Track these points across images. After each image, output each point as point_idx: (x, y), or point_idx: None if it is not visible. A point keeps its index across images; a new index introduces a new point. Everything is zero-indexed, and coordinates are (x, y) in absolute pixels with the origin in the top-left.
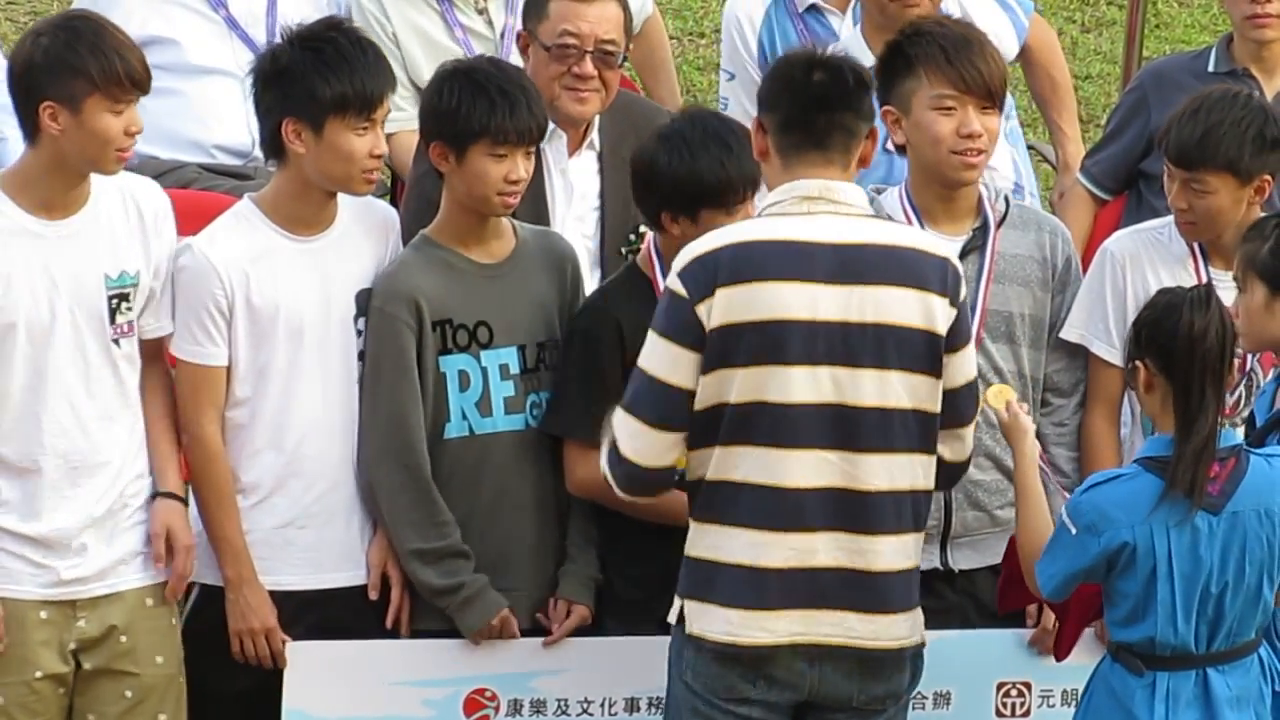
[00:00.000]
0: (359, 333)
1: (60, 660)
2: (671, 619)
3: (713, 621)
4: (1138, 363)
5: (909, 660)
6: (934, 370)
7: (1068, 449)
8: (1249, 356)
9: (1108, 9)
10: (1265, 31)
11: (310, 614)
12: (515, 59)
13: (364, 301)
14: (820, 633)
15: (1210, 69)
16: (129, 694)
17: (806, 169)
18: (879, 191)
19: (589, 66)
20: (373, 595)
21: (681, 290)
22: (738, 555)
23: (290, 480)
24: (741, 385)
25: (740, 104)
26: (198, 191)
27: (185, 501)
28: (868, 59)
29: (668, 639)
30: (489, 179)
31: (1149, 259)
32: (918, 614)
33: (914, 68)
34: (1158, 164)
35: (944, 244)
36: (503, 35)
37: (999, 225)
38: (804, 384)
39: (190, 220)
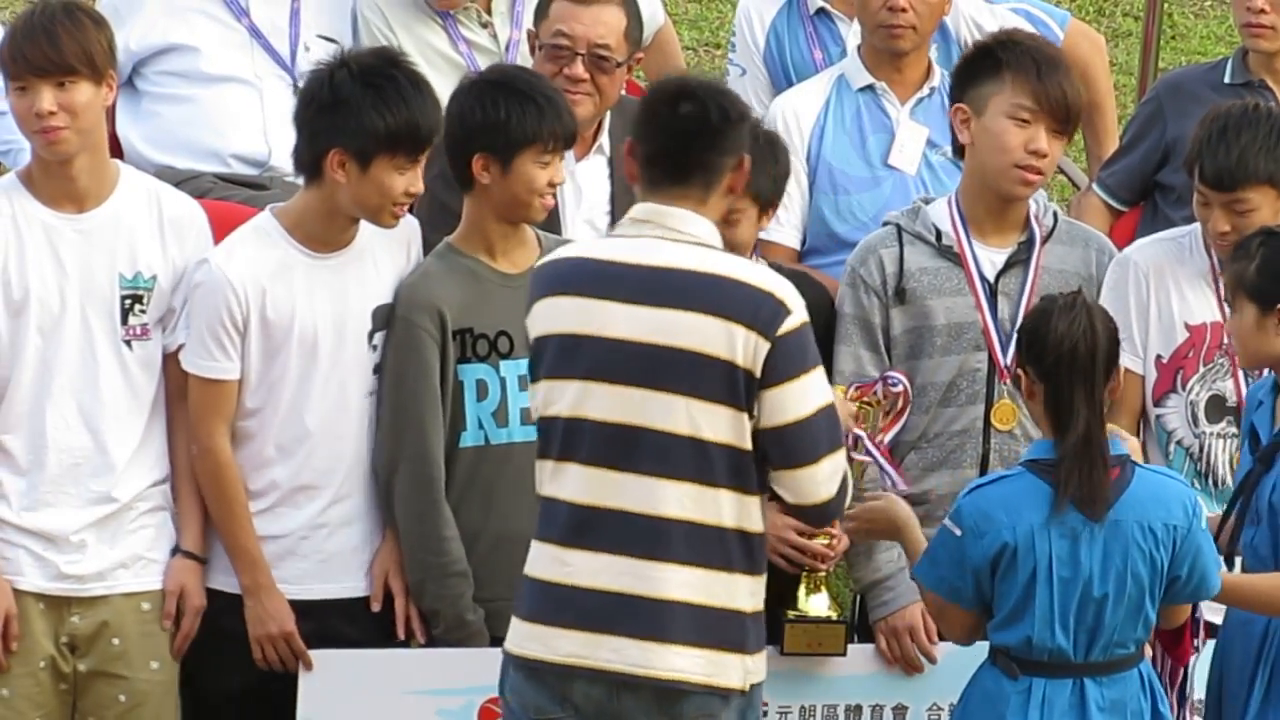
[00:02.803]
0: (375, 347)
1: (58, 652)
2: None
3: (514, 634)
4: (1020, 370)
5: (732, 709)
6: (734, 402)
7: None
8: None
9: (1123, 20)
10: (1259, 41)
11: (311, 623)
12: None
13: (381, 317)
14: (597, 656)
15: (1226, 80)
16: (123, 698)
17: (657, 198)
18: (926, 201)
19: (579, 69)
20: (375, 607)
21: (527, 306)
22: (531, 567)
23: (297, 492)
24: (543, 397)
25: (749, 101)
26: (213, 201)
27: (204, 562)
28: (864, 78)
29: None
30: (536, 184)
31: (1171, 270)
32: (722, 656)
33: (1001, 72)
34: (1173, 175)
35: (773, 279)
36: (507, 48)
37: (1045, 240)
38: (589, 399)
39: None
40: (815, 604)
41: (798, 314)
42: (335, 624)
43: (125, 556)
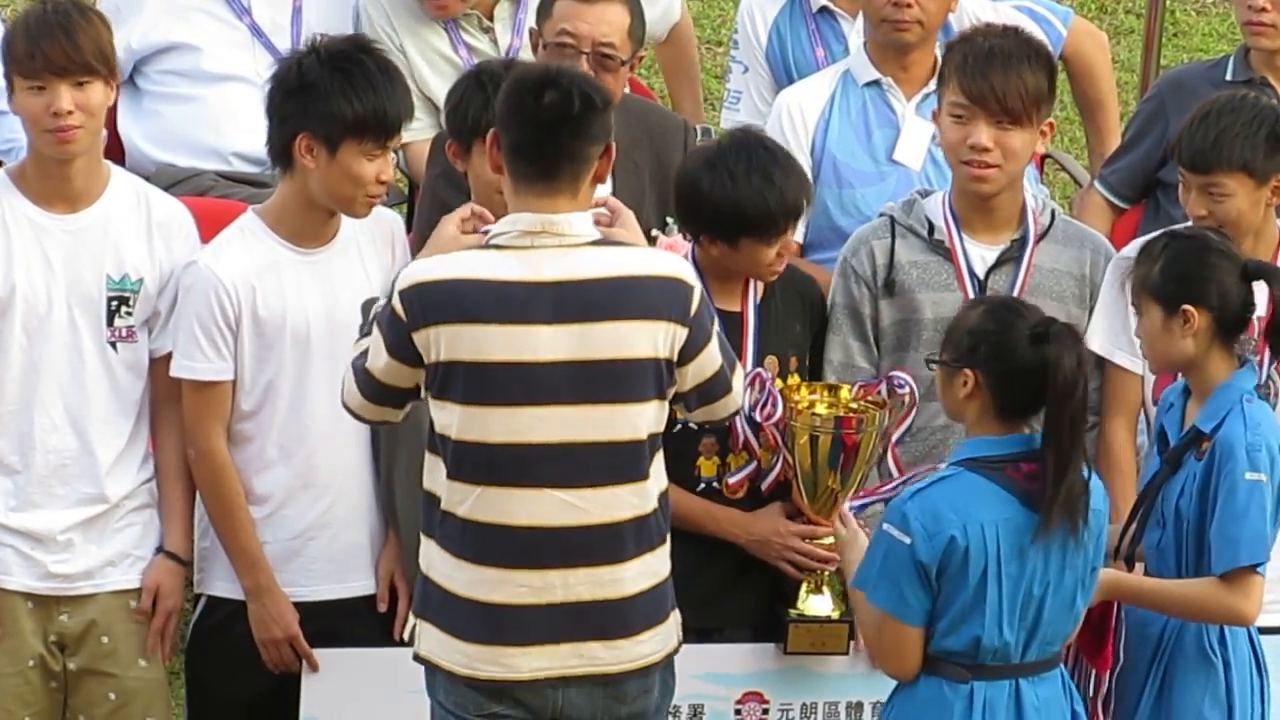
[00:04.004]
0: None
1: (47, 650)
2: (406, 634)
3: (449, 652)
4: (967, 371)
5: (657, 675)
6: (660, 394)
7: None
8: (1265, 366)
9: (1125, 17)
10: (1261, 39)
11: (320, 624)
12: None
13: (370, 310)
14: (566, 665)
15: (1228, 78)
16: (112, 696)
17: (534, 199)
18: (924, 194)
19: (584, 68)
20: (381, 607)
21: (401, 312)
22: (470, 590)
23: (300, 492)
24: (461, 422)
25: (752, 98)
26: (215, 199)
27: (186, 564)
28: (870, 73)
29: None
30: (487, 179)
31: None
32: (665, 625)
33: (944, 72)
34: (1175, 173)
35: (672, 261)
36: (507, 54)
37: (1039, 239)
38: (527, 424)
39: (208, 228)
40: (817, 604)
41: (696, 283)
42: (344, 623)
43: (113, 554)
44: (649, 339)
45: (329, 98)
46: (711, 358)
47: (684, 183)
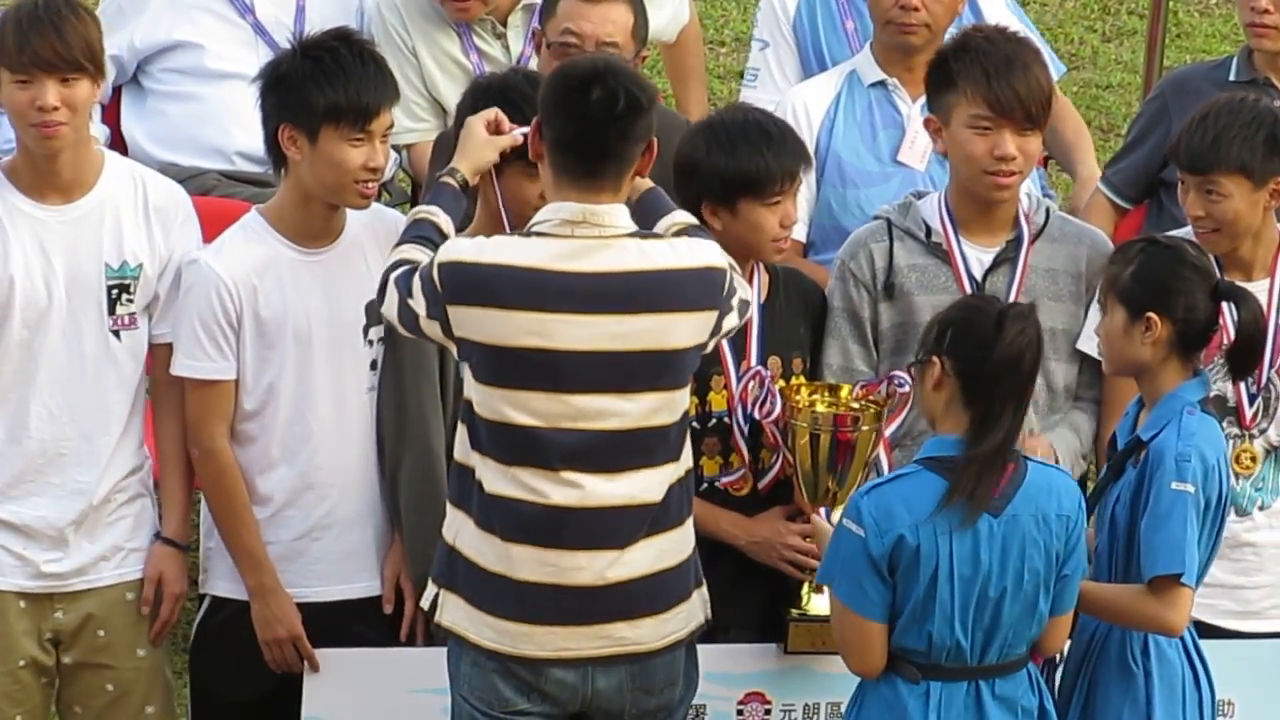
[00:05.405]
0: (371, 343)
1: (40, 649)
2: (425, 604)
3: (477, 625)
4: (935, 358)
5: (682, 667)
6: (689, 378)
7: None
8: (1266, 369)
9: (1129, 18)
10: (1264, 41)
11: (322, 624)
12: None
13: (375, 312)
14: (593, 646)
15: (1231, 78)
16: (110, 687)
17: (576, 193)
18: (919, 196)
19: None
20: (387, 608)
21: (437, 282)
22: (498, 565)
23: (304, 493)
24: (490, 402)
25: (772, 74)
26: (218, 199)
27: (185, 549)
28: (876, 74)
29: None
30: (525, 196)
31: None
32: (690, 602)
33: (955, 83)
34: (1178, 173)
35: (706, 250)
36: (518, 62)
37: (1035, 238)
38: (557, 410)
39: (211, 227)
40: (818, 604)
41: (726, 263)
42: (349, 624)
43: (106, 549)
44: (688, 330)
45: (302, 86)
46: (735, 320)
47: (681, 155)
